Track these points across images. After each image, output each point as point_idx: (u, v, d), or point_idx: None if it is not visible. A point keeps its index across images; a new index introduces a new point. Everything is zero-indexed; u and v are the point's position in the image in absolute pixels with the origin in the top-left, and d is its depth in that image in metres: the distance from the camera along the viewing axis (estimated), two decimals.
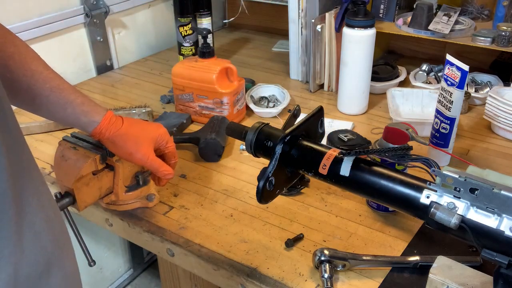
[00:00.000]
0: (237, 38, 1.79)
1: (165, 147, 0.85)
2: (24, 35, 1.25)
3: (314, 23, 1.26)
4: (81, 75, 1.45)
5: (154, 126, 0.85)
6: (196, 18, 1.47)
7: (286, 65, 1.48)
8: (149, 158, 0.81)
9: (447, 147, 0.96)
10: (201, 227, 0.85)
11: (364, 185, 0.60)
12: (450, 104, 0.92)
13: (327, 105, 1.26)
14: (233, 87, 1.14)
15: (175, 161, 0.87)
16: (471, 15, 1.33)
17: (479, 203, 0.51)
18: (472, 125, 1.16)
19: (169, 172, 0.83)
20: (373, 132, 1.14)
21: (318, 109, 0.70)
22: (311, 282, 0.73)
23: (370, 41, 1.14)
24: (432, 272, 0.64)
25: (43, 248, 0.50)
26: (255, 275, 0.75)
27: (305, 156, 0.65)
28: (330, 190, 0.93)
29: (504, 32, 1.16)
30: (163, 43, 1.69)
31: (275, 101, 1.27)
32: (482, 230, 0.51)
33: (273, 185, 0.64)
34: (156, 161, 0.82)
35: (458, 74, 0.89)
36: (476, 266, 0.67)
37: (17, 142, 0.49)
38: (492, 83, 1.27)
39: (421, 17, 1.27)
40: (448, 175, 0.52)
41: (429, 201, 0.54)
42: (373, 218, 0.86)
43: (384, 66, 1.38)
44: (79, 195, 0.79)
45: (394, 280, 0.73)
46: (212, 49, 1.15)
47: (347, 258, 0.74)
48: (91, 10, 1.40)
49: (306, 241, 0.81)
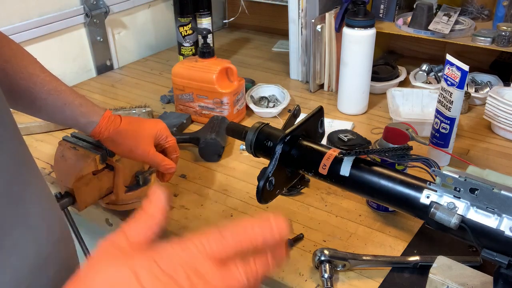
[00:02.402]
0: (237, 38, 1.79)
1: (165, 142, 0.85)
2: (24, 35, 1.26)
3: (314, 23, 1.26)
4: (81, 75, 1.45)
5: (153, 121, 0.85)
6: (196, 18, 1.47)
7: (286, 65, 1.48)
8: (150, 153, 0.80)
9: (447, 147, 0.96)
10: (201, 227, 0.85)
11: (364, 185, 0.60)
12: (450, 104, 0.92)
13: (327, 105, 1.26)
14: (233, 87, 1.14)
15: (176, 155, 0.86)
16: (471, 15, 1.33)
17: (479, 203, 0.51)
18: (472, 125, 1.16)
19: (171, 166, 0.83)
20: (373, 132, 1.14)
21: (318, 109, 0.70)
22: (311, 282, 0.73)
23: (370, 41, 1.14)
24: (432, 272, 0.64)
25: (41, 245, 0.50)
26: None
27: (305, 156, 0.65)
28: (330, 190, 0.93)
29: (504, 32, 1.16)
30: (163, 43, 1.69)
31: (275, 101, 1.27)
32: (482, 230, 0.51)
33: (273, 185, 0.64)
34: (157, 155, 0.81)
35: (458, 74, 0.89)
36: (476, 266, 0.67)
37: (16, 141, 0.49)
38: (492, 83, 1.27)
39: (421, 17, 1.26)
40: (448, 175, 0.52)
41: (429, 201, 0.54)
42: (373, 218, 0.86)
43: (384, 66, 1.38)
44: (79, 195, 0.79)
45: (394, 280, 0.73)
46: (212, 49, 1.15)
47: (347, 258, 0.74)
48: (91, 10, 1.40)
49: (306, 241, 0.81)
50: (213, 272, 0.36)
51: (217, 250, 0.38)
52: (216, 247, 0.38)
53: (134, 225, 0.40)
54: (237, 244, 0.38)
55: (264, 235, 0.39)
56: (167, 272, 0.36)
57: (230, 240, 0.39)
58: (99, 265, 0.38)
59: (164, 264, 0.36)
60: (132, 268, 0.36)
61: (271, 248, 0.40)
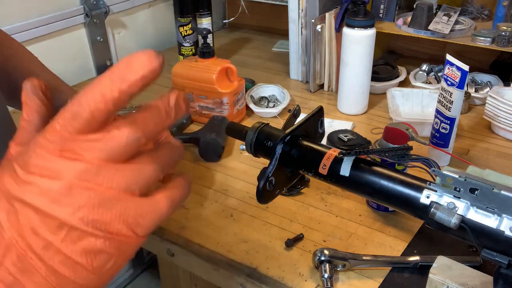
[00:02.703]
0: (237, 38, 1.79)
1: None
2: (24, 35, 1.25)
3: (314, 23, 1.26)
4: (81, 75, 1.45)
5: None
6: (196, 18, 1.47)
7: (286, 65, 1.48)
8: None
9: (447, 147, 0.96)
10: (201, 227, 0.85)
11: (364, 185, 0.60)
12: (450, 104, 0.92)
13: (327, 105, 1.26)
14: (233, 87, 1.14)
15: None
16: (471, 15, 1.33)
17: (479, 203, 0.51)
18: (472, 125, 1.16)
19: None
20: (373, 132, 1.14)
21: (318, 109, 0.70)
22: (311, 282, 0.73)
23: (370, 41, 1.14)
24: (432, 272, 0.64)
25: None
26: (255, 275, 0.75)
27: (305, 156, 0.65)
28: (330, 190, 0.93)
29: (504, 32, 1.16)
30: (163, 43, 1.69)
31: (275, 101, 1.27)
32: (482, 230, 0.51)
33: (273, 185, 0.64)
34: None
35: (458, 74, 0.89)
36: (476, 266, 0.67)
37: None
38: (492, 83, 1.27)
39: (421, 17, 1.27)
40: (448, 175, 0.52)
41: (429, 201, 0.54)
42: (373, 218, 0.86)
43: (384, 66, 1.38)
44: None
45: (394, 280, 0.73)
46: (212, 49, 1.15)
47: (347, 258, 0.74)
48: (91, 10, 1.40)
49: (306, 241, 0.81)
50: (86, 145, 0.31)
51: (70, 117, 0.32)
52: (69, 114, 0.32)
53: (17, 136, 0.37)
54: (90, 103, 0.31)
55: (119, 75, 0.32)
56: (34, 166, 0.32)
57: (81, 101, 0.31)
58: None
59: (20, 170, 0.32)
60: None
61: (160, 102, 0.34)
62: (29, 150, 0.32)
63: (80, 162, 0.31)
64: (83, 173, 0.31)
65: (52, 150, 0.31)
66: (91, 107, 0.31)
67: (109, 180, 0.31)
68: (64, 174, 0.31)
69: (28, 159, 0.32)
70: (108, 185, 0.31)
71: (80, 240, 0.31)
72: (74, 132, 0.31)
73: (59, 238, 0.31)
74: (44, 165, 0.31)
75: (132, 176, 0.32)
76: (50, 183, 0.31)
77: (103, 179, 0.31)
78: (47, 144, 0.31)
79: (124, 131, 0.31)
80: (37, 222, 0.31)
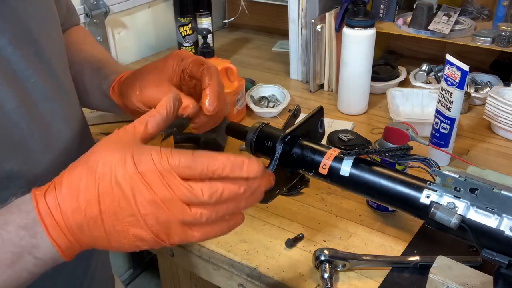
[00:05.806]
0: (237, 38, 1.79)
1: (188, 64, 0.69)
2: None
3: (314, 23, 1.26)
4: None
5: (164, 58, 0.71)
6: (196, 18, 1.47)
7: (286, 65, 1.48)
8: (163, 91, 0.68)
9: (447, 147, 0.96)
10: None
11: (364, 185, 0.60)
12: (450, 104, 0.92)
13: (327, 105, 1.26)
14: (233, 87, 1.14)
15: (204, 68, 0.68)
16: (471, 15, 1.33)
17: (479, 203, 0.51)
18: (472, 125, 1.16)
19: (188, 103, 0.67)
20: (373, 132, 1.14)
21: (318, 109, 0.70)
22: (311, 282, 0.73)
23: (370, 41, 1.14)
24: (432, 272, 0.64)
25: None
26: (255, 275, 0.75)
27: (305, 156, 0.65)
28: (330, 190, 0.93)
29: (504, 32, 1.16)
30: (163, 43, 1.69)
31: (275, 101, 1.27)
32: (482, 230, 0.51)
33: (273, 185, 0.64)
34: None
35: (458, 74, 0.89)
36: (476, 266, 0.67)
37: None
38: (492, 83, 1.27)
39: (421, 17, 1.27)
40: (448, 175, 0.52)
41: (429, 201, 0.54)
42: (373, 218, 0.86)
43: (384, 66, 1.38)
44: None
45: (394, 280, 0.73)
46: (212, 49, 1.15)
47: (347, 258, 0.74)
48: (91, 10, 1.40)
49: (306, 241, 0.81)
50: (177, 183, 0.43)
51: (185, 165, 0.43)
52: (185, 163, 0.43)
53: (143, 119, 0.48)
54: (203, 166, 0.44)
55: (233, 167, 0.44)
56: (140, 172, 0.43)
57: (199, 161, 0.44)
58: (101, 146, 0.46)
59: (141, 167, 0.43)
60: (123, 157, 0.44)
61: (247, 187, 0.46)
62: (146, 155, 0.44)
63: (168, 192, 0.43)
64: (166, 201, 0.43)
65: (156, 170, 0.43)
66: (203, 170, 0.43)
67: (176, 213, 0.43)
68: (155, 191, 0.43)
69: (140, 162, 0.44)
70: (173, 213, 0.43)
71: (140, 228, 0.44)
72: (180, 175, 0.43)
73: (131, 219, 0.44)
74: (147, 176, 0.43)
75: (188, 218, 0.44)
76: (144, 190, 0.43)
77: (173, 210, 0.43)
78: (159, 163, 0.43)
79: (205, 195, 0.43)
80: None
